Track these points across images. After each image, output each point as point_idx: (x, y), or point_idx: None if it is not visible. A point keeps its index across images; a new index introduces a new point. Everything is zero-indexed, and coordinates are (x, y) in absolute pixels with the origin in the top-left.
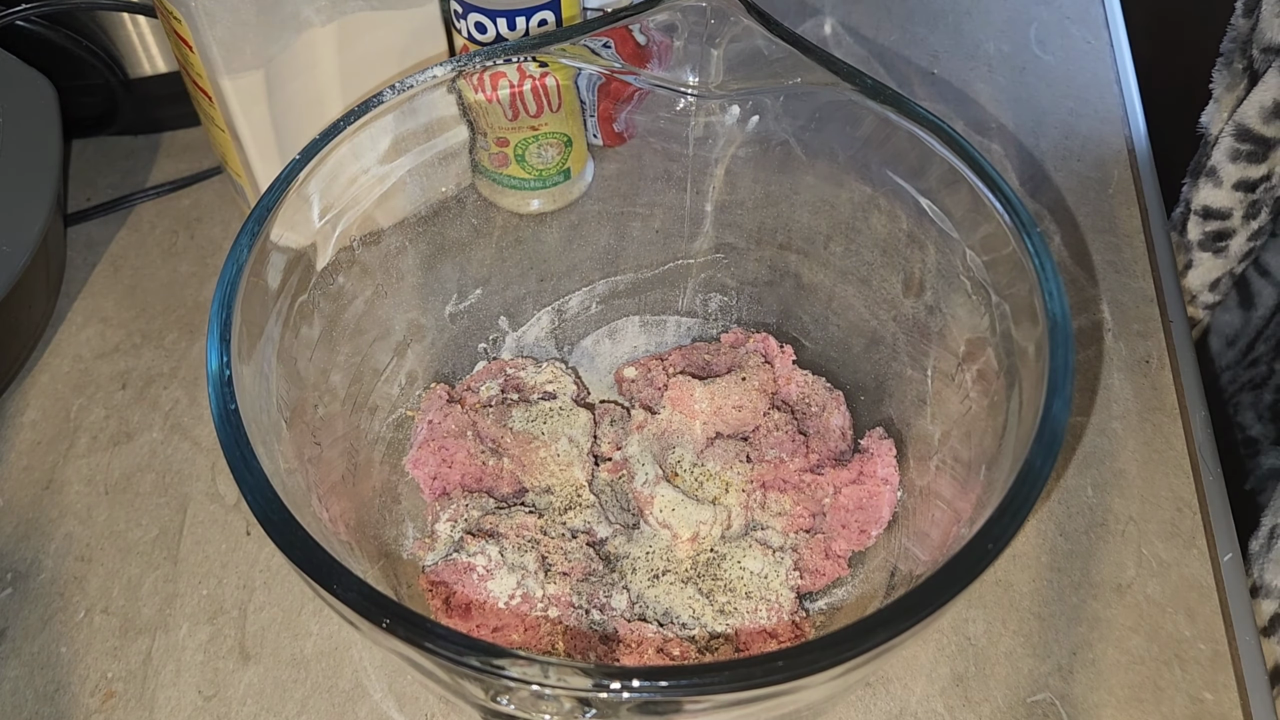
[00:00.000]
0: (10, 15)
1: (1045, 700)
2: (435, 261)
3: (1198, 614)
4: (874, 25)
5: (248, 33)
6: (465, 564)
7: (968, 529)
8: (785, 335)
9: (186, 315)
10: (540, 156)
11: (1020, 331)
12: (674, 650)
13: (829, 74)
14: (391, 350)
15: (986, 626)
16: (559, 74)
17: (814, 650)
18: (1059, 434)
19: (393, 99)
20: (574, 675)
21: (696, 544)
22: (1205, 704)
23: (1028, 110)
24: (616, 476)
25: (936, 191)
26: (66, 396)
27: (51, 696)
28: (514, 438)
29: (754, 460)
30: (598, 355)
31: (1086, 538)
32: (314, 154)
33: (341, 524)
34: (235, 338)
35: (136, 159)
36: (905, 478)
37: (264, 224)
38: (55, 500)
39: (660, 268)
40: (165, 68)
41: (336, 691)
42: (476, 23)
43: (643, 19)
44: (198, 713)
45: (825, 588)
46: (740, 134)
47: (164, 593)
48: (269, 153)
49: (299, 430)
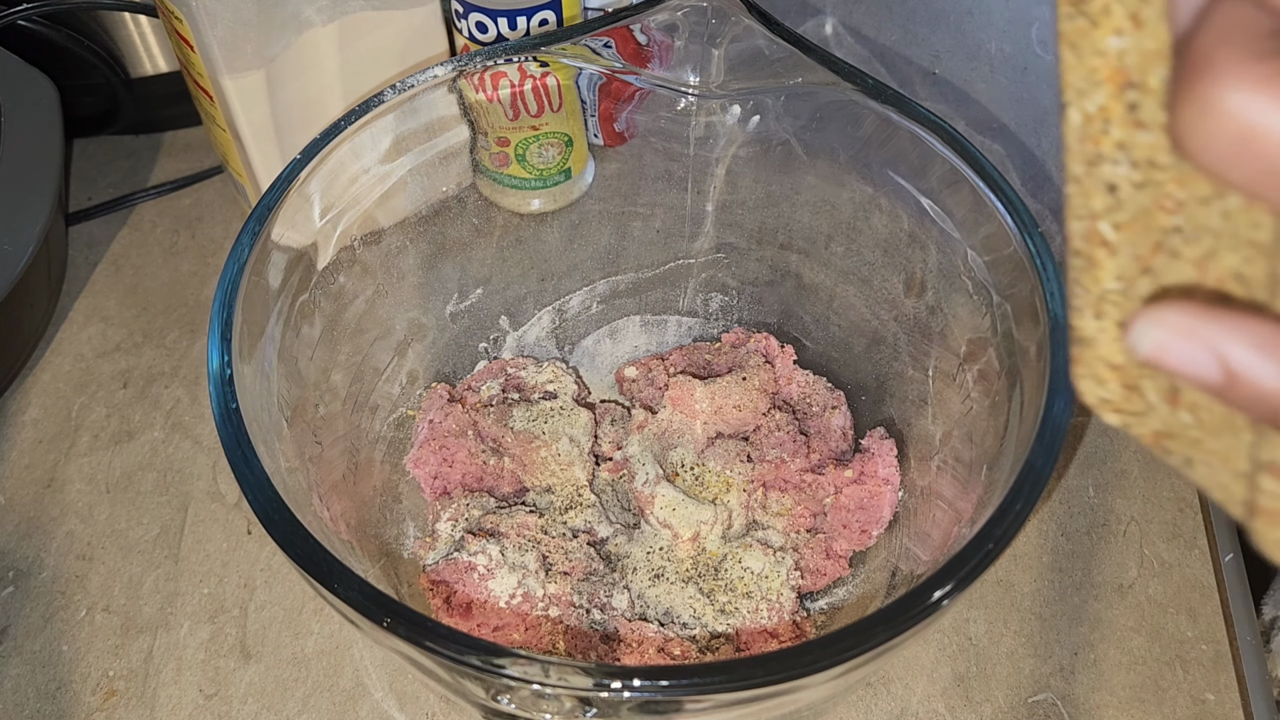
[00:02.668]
0: (12, 15)
1: (1047, 700)
2: (436, 261)
3: (1199, 614)
4: (875, 25)
5: (249, 32)
6: (466, 563)
7: (969, 529)
8: (786, 335)
9: (188, 314)
10: (541, 156)
11: (1022, 331)
12: (675, 650)
13: (830, 74)
14: (392, 349)
15: (988, 627)
16: (560, 74)
17: (814, 650)
18: (1060, 434)
19: (393, 99)
20: (575, 674)
21: (697, 544)
22: (1207, 705)
23: (1029, 110)
24: (617, 476)
25: (938, 191)
26: (68, 395)
27: (53, 694)
28: (515, 437)
29: (755, 460)
30: (598, 355)
31: (1088, 538)
32: (315, 153)
33: (342, 523)
34: (236, 337)
35: (138, 158)
36: (906, 478)
37: (265, 223)
38: (57, 499)
39: (661, 267)
40: (166, 67)
41: (337, 690)
42: (477, 22)
43: (643, 19)
44: (199, 711)
45: (826, 587)
46: (741, 134)
47: (165, 591)
48: (270, 152)
49: (300, 429)
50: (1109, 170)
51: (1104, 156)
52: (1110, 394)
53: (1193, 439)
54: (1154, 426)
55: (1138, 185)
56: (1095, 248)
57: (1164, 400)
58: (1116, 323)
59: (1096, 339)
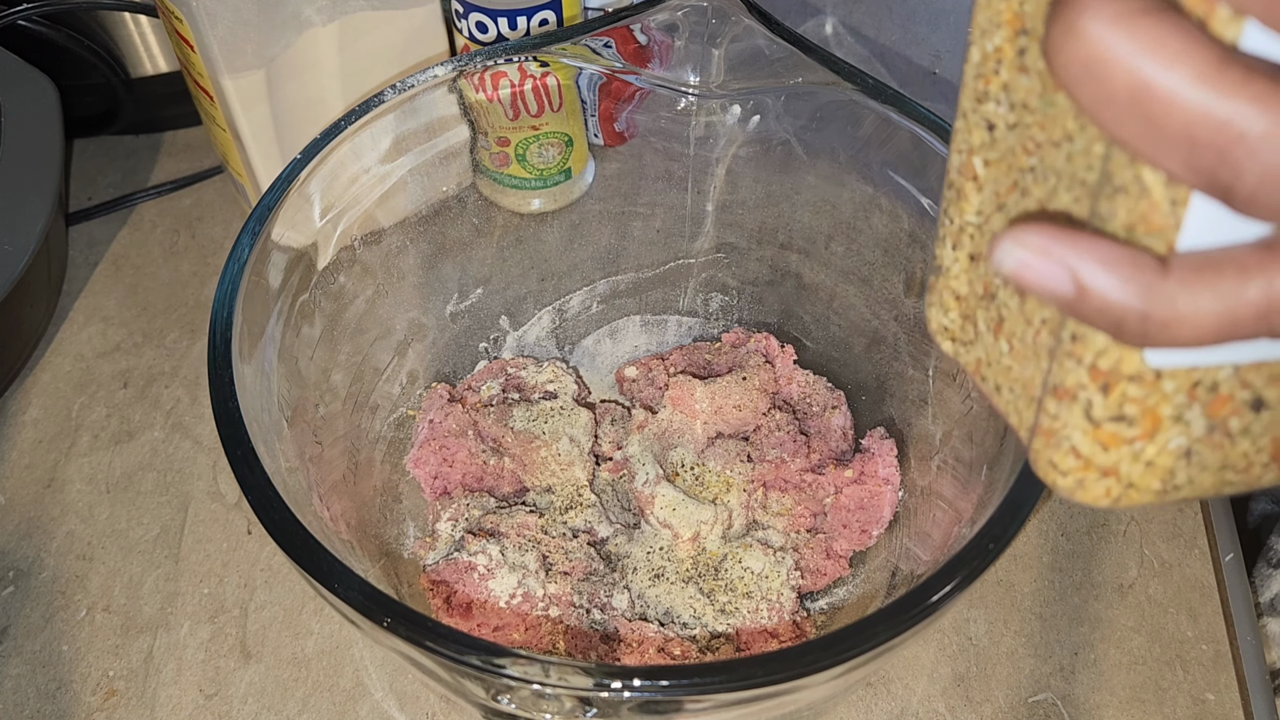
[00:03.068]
0: (12, 15)
1: (1047, 700)
2: (436, 261)
3: (1199, 614)
4: (875, 25)
5: (249, 32)
6: (466, 563)
7: (969, 529)
8: (786, 335)
9: (188, 314)
10: (541, 156)
11: None
12: (675, 650)
13: (830, 73)
14: (392, 349)
15: (988, 626)
16: (560, 73)
17: (814, 650)
18: None
19: (394, 98)
20: (575, 674)
21: (697, 544)
22: (1207, 705)
23: None
24: (617, 476)
25: (938, 191)
26: (68, 395)
27: (53, 694)
28: (515, 437)
29: (755, 460)
30: (599, 355)
31: (1088, 538)
32: (315, 153)
33: (343, 523)
34: (236, 337)
35: (138, 158)
36: (906, 477)
37: (265, 223)
38: (57, 499)
39: (661, 267)
40: (166, 67)
41: (338, 690)
42: (478, 22)
43: (644, 19)
44: (199, 711)
45: (826, 587)
46: (741, 133)
47: (165, 591)
48: (270, 152)
49: (300, 429)
50: (991, 109)
51: (989, 95)
52: (950, 323)
53: (1004, 367)
54: (977, 355)
55: (1010, 126)
56: (966, 181)
57: (990, 330)
58: (969, 254)
59: (949, 269)
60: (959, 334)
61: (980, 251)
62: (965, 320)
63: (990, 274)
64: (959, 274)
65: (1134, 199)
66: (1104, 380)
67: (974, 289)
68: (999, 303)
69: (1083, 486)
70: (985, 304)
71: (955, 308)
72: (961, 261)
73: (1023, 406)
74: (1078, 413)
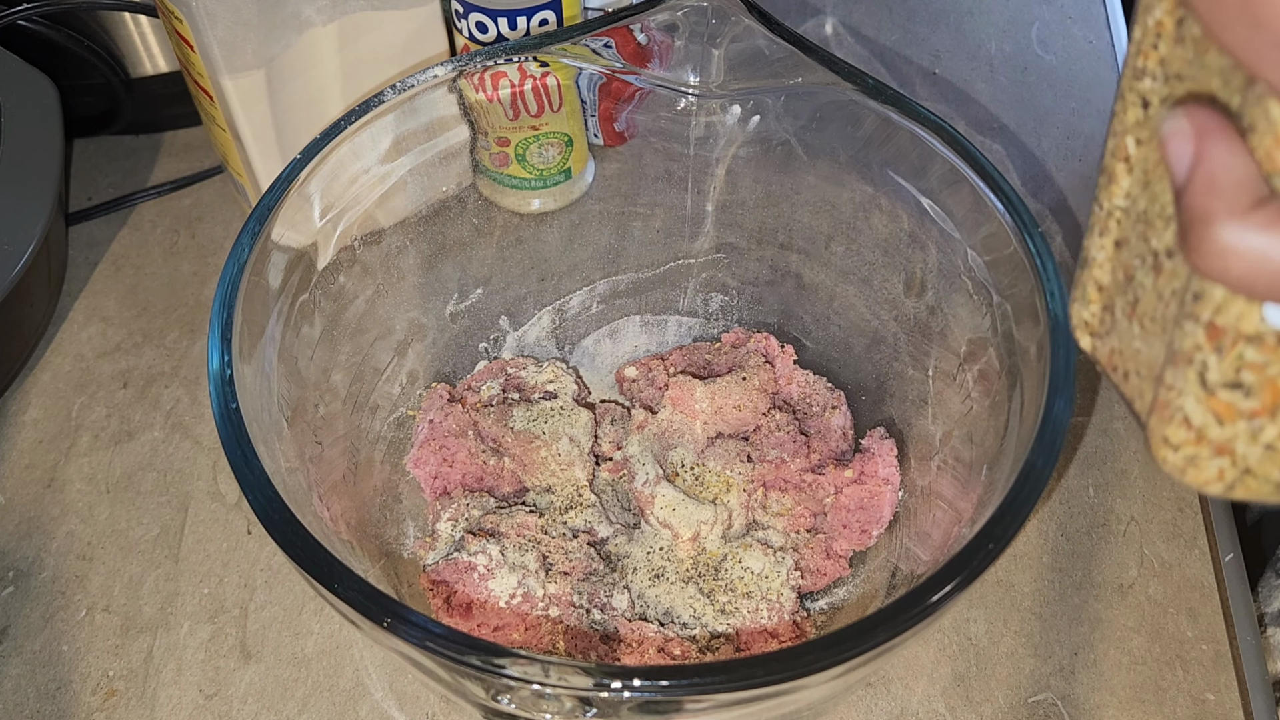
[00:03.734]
0: (12, 15)
1: (1047, 701)
2: (436, 261)
3: (1199, 614)
4: (875, 25)
5: (249, 32)
6: (466, 563)
7: (969, 529)
8: (786, 335)
9: (188, 314)
10: (541, 156)
11: (1022, 331)
12: (675, 650)
13: (830, 74)
14: (392, 349)
15: (988, 627)
16: (560, 74)
17: (814, 650)
18: (1060, 434)
19: (393, 99)
20: (575, 674)
21: (697, 544)
22: (1207, 705)
23: (1029, 110)
24: (617, 476)
25: (938, 191)
26: (68, 395)
27: (53, 694)
28: (515, 437)
29: (755, 460)
30: (598, 355)
31: (1088, 538)
32: (315, 153)
33: (342, 523)
34: (237, 337)
35: (138, 158)
36: (906, 478)
37: (265, 223)
38: (57, 499)
39: (661, 267)
40: (166, 67)
41: (337, 690)
42: (477, 22)
43: (644, 19)
44: (199, 711)
45: (826, 587)
46: (741, 134)
47: (165, 591)
48: (270, 152)
49: (300, 429)
50: (1147, 85)
51: (1146, 71)
52: (1090, 316)
53: (1134, 350)
54: (1111, 345)
55: (1162, 100)
56: (1118, 163)
57: (1125, 315)
58: (1115, 240)
59: (1095, 258)
60: (1097, 327)
61: (1125, 237)
62: (1105, 311)
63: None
64: (1104, 262)
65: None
66: (1220, 340)
67: (1115, 277)
68: (1136, 283)
69: (1194, 464)
70: (1124, 289)
71: (1097, 299)
72: (1107, 249)
73: (1146, 389)
74: (1192, 378)
